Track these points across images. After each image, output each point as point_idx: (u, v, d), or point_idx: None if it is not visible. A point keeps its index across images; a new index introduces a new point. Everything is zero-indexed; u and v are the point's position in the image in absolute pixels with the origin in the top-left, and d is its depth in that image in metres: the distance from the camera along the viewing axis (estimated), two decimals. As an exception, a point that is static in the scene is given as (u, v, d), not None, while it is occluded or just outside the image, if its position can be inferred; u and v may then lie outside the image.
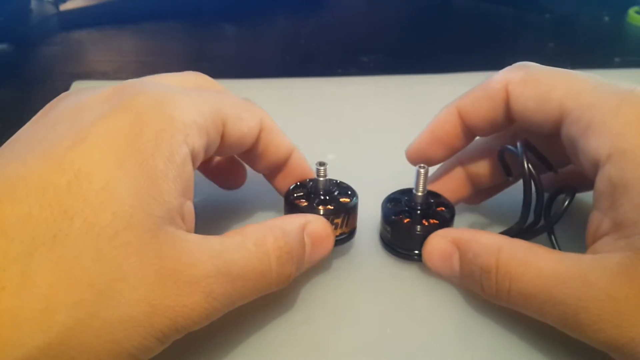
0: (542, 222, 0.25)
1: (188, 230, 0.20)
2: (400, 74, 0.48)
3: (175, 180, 0.19)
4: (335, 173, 0.28)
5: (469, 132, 0.27)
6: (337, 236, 0.26)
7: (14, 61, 0.54)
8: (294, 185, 0.27)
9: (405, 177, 0.29)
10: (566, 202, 0.24)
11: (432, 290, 0.26)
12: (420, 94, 0.45)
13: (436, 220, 0.26)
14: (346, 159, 0.36)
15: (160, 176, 0.19)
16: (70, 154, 0.18)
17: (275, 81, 0.47)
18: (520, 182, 0.25)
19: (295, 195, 0.27)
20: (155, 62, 0.55)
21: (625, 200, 0.20)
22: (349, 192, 0.27)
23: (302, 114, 0.41)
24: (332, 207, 0.26)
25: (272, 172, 0.28)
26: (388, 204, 0.27)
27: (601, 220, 0.21)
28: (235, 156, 0.29)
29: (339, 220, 0.26)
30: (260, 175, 0.29)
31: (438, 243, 0.25)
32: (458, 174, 0.29)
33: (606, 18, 0.66)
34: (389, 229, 0.27)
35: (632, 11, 0.63)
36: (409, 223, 0.26)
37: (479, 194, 0.30)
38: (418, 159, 0.28)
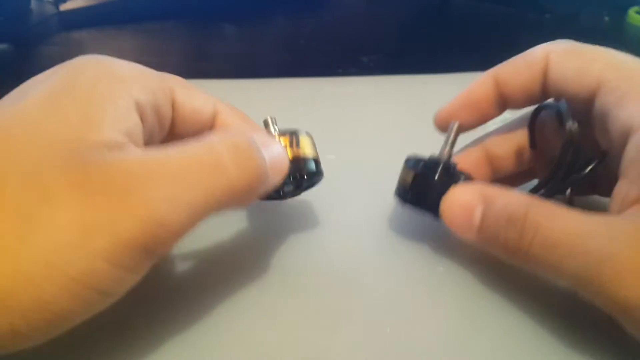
0: (571, 178, 0.24)
1: (137, 144, 0.20)
2: (400, 74, 0.48)
3: (116, 119, 0.19)
4: (335, 173, 0.28)
5: (502, 100, 0.27)
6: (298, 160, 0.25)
7: (14, 61, 0.54)
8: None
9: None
10: (592, 165, 0.23)
11: (433, 290, 0.26)
12: (420, 94, 0.45)
13: (459, 178, 0.25)
14: (346, 159, 0.36)
15: (98, 112, 0.18)
16: (9, 109, 0.19)
17: (275, 81, 0.47)
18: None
19: (411, 161, 0.26)
20: (155, 62, 0.55)
21: None
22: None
23: (302, 114, 0.41)
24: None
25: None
26: (411, 159, 0.27)
27: (629, 188, 0.21)
28: None
29: (286, 140, 0.25)
30: None
31: (462, 193, 0.24)
32: (479, 155, 0.28)
33: (606, 18, 0.65)
34: (411, 174, 0.25)
35: (632, 11, 0.63)
36: (432, 171, 0.25)
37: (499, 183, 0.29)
38: (447, 123, 0.27)
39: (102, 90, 0.19)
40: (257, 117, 0.27)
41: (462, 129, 0.27)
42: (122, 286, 0.17)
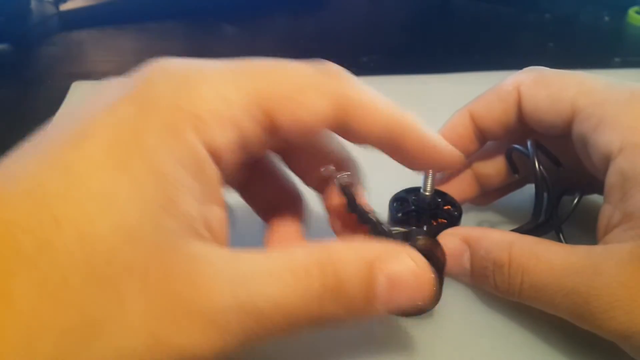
0: (552, 221, 0.25)
1: (219, 241, 0.17)
2: (400, 74, 0.48)
3: (192, 186, 0.16)
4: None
5: (481, 135, 0.27)
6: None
7: (14, 61, 0.54)
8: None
9: (406, 177, 0.29)
10: (575, 201, 0.25)
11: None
12: (420, 94, 0.45)
13: (444, 219, 0.26)
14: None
15: (172, 181, 0.16)
16: (68, 155, 0.15)
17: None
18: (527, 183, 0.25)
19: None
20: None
21: (636, 191, 0.20)
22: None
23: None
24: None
25: (387, 151, 0.22)
26: (395, 203, 0.27)
27: (612, 213, 0.21)
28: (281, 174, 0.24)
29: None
30: None
31: (448, 242, 0.24)
32: (466, 174, 0.29)
33: (606, 18, 0.66)
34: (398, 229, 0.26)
35: (632, 11, 0.63)
36: (417, 223, 0.26)
37: (487, 195, 0.30)
38: None
39: (173, 147, 0.16)
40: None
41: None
42: None
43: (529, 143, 0.25)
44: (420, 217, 0.26)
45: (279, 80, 0.19)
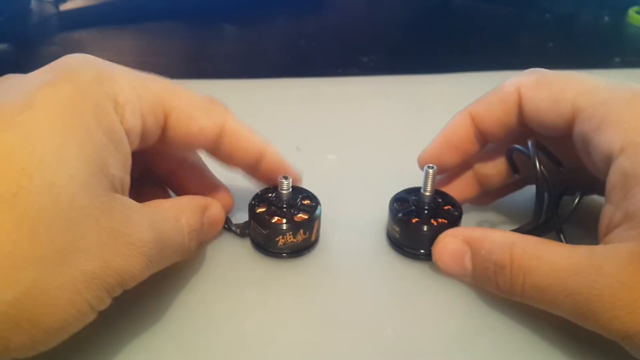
0: (552, 221, 0.25)
1: None
2: (400, 74, 0.48)
3: (115, 155, 0.20)
4: (335, 173, 0.28)
5: (482, 137, 0.27)
6: (294, 248, 0.27)
7: (14, 61, 0.54)
8: (261, 191, 0.28)
9: (405, 177, 0.29)
10: (576, 200, 0.24)
11: (433, 291, 0.26)
12: (420, 94, 0.45)
13: (445, 219, 0.26)
14: (346, 159, 0.36)
15: (104, 148, 0.20)
16: (20, 117, 0.18)
17: (275, 81, 0.47)
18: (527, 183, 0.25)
19: (258, 203, 0.27)
20: (155, 62, 0.55)
21: (638, 191, 0.20)
22: (311, 206, 0.27)
23: (302, 114, 0.41)
24: (287, 221, 0.26)
25: (247, 171, 0.28)
26: (395, 204, 0.27)
27: (613, 212, 0.21)
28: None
29: (298, 234, 0.26)
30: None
31: (449, 243, 0.25)
32: (466, 174, 0.29)
33: (606, 18, 0.66)
34: (397, 228, 0.27)
35: (632, 11, 0.63)
36: (418, 222, 0.26)
37: (488, 195, 0.30)
38: (431, 164, 0.27)
39: (103, 123, 0.20)
40: (257, 117, 0.27)
41: (444, 172, 0.28)
42: (104, 307, 0.20)
43: (529, 143, 0.25)
44: (421, 217, 0.27)
45: (179, 95, 0.24)
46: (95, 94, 0.20)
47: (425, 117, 0.28)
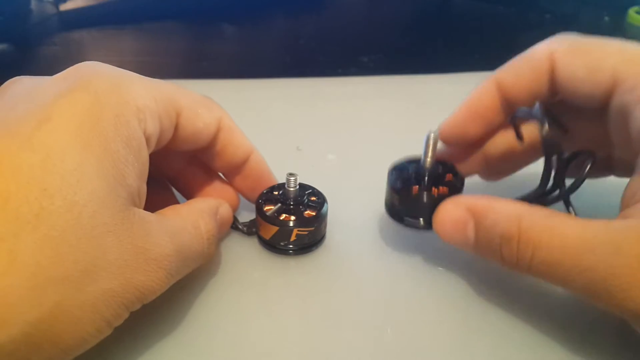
0: (561, 190, 0.24)
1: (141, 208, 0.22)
2: (400, 74, 0.48)
3: (134, 164, 0.20)
4: (335, 173, 0.28)
5: (508, 106, 0.25)
6: (302, 244, 0.27)
7: (14, 61, 0.54)
8: (267, 189, 0.28)
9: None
10: (587, 167, 0.23)
11: (433, 290, 0.26)
12: (420, 94, 0.45)
13: (446, 188, 0.25)
14: (346, 159, 0.36)
15: (122, 160, 0.20)
16: (38, 133, 0.18)
17: (275, 81, 0.47)
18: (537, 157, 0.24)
19: (265, 201, 0.27)
20: (155, 62, 0.55)
21: None
22: (318, 203, 0.27)
23: (302, 114, 0.41)
24: (295, 218, 0.26)
25: (231, 172, 0.28)
26: (394, 172, 0.26)
27: (639, 185, 0.21)
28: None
29: (304, 232, 0.26)
30: None
31: (451, 211, 0.24)
32: (471, 149, 0.28)
33: (606, 18, 0.66)
34: (396, 197, 0.26)
35: (632, 11, 0.63)
36: (418, 191, 0.25)
37: (496, 169, 0.28)
38: (454, 136, 0.26)
39: (122, 132, 0.20)
40: (257, 117, 0.27)
41: (466, 142, 0.26)
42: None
43: (536, 105, 0.24)
44: (420, 185, 0.25)
45: (184, 94, 0.24)
46: (113, 103, 0.20)
47: (425, 117, 0.28)
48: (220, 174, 0.29)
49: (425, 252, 0.27)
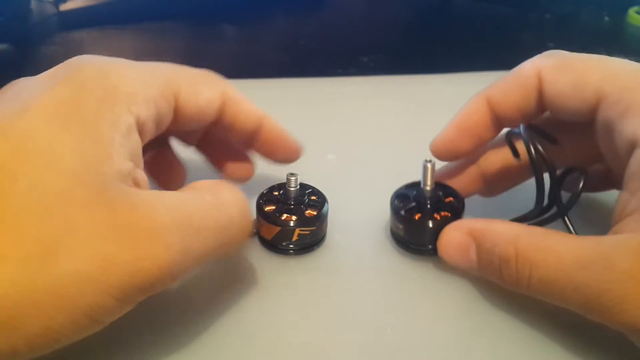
0: (557, 207, 0.25)
1: None
2: (400, 74, 0.48)
3: (122, 145, 0.19)
4: (335, 173, 0.28)
5: (498, 122, 0.26)
6: (304, 244, 0.27)
7: (14, 61, 0.54)
8: (267, 189, 0.28)
9: (405, 176, 0.29)
10: (581, 184, 0.24)
11: (433, 290, 0.26)
12: (420, 94, 0.45)
13: (447, 212, 0.26)
14: (346, 159, 0.36)
15: (107, 140, 0.19)
16: (15, 122, 0.18)
17: (275, 81, 0.47)
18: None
19: (265, 201, 0.27)
20: (155, 62, 0.55)
21: None
22: (319, 202, 0.27)
23: (302, 114, 0.41)
24: (297, 218, 0.26)
25: (247, 141, 0.28)
26: (397, 201, 0.27)
27: (628, 200, 0.21)
28: (176, 156, 0.29)
29: (306, 231, 0.26)
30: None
31: (453, 235, 0.24)
32: (470, 168, 0.28)
33: (606, 18, 0.65)
34: (400, 226, 0.26)
35: (632, 11, 0.63)
36: (421, 218, 0.26)
37: (494, 186, 0.29)
38: (445, 152, 0.27)
39: (107, 115, 0.20)
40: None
41: (457, 158, 0.27)
42: (116, 317, 0.18)
43: (520, 127, 0.25)
44: (423, 212, 0.26)
45: (182, 74, 0.24)
46: (99, 89, 0.20)
47: (425, 117, 0.28)
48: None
49: (426, 253, 0.27)
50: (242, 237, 0.21)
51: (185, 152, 0.30)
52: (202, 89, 0.24)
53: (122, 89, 0.21)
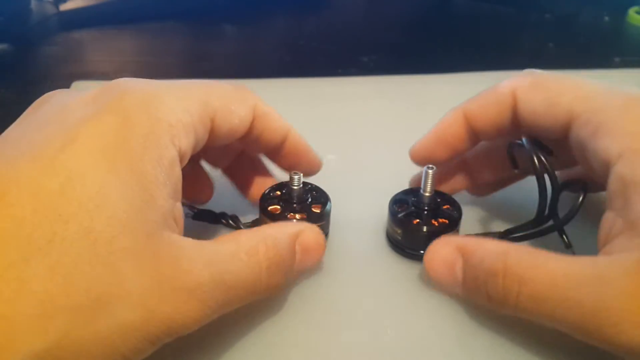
0: (555, 220, 0.25)
1: (179, 232, 0.20)
2: (400, 74, 0.48)
3: (165, 183, 0.19)
4: (335, 173, 0.28)
5: (474, 135, 0.27)
6: None
7: (14, 61, 0.54)
8: (269, 189, 0.28)
9: (405, 177, 0.29)
10: (580, 198, 0.24)
11: (434, 291, 0.26)
12: (420, 94, 0.45)
13: (445, 219, 0.26)
14: (346, 159, 0.36)
15: (152, 180, 0.19)
16: (61, 156, 0.18)
17: (275, 81, 0.47)
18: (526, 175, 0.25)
19: (268, 201, 0.27)
20: (155, 62, 0.55)
21: (638, 198, 0.20)
22: (322, 200, 0.27)
23: (302, 114, 0.41)
24: (305, 216, 0.26)
25: (270, 153, 0.28)
26: (395, 205, 0.27)
27: (614, 220, 0.21)
28: (204, 168, 0.29)
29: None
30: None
31: (441, 249, 0.24)
32: (456, 167, 0.29)
33: (606, 18, 0.66)
34: (398, 230, 0.27)
35: (632, 11, 0.63)
36: (419, 224, 0.26)
37: (483, 187, 0.30)
38: (422, 159, 0.28)
39: (153, 151, 0.19)
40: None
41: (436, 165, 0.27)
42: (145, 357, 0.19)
43: (524, 140, 0.25)
44: (421, 217, 0.27)
45: (217, 93, 0.23)
46: (143, 122, 0.20)
47: (425, 117, 0.28)
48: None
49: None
50: (266, 293, 0.21)
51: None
52: (236, 107, 0.24)
53: (164, 120, 0.20)
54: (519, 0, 0.69)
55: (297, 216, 0.26)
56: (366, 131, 0.39)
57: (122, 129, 0.19)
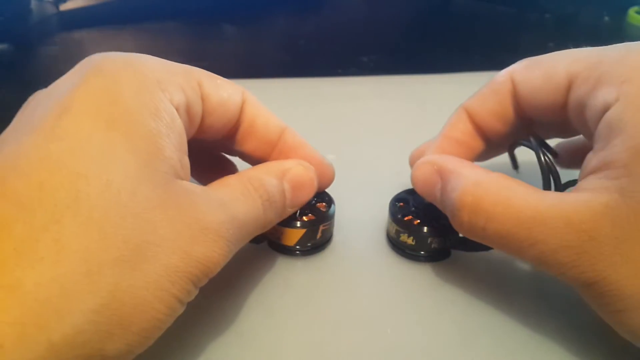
0: None
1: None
2: (400, 74, 0.48)
3: (168, 135, 0.19)
4: (335, 173, 0.28)
5: (481, 132, 0.27)
6: (314, 244, 0.27)
7: (14, 61, 0.54)
8: None
9: (405, 176, 0.29)
10: None
11: (434, 291, 0.26)
12: (420, 94, 0.45)
13: (446, 219, 0.26)
14: (346, 159, 0.36)
15: (154, 133, 0.19)
16: (60, 123, 0.18)
17: (275, 81, 0.47)
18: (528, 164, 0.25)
19: (398, 206, 0.27)
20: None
21: (619, 141, 0.20)
22: (327, 199, 0.27)
23: (302, 114, 0.41)
24: (317, 216, 0.26)
25: (266, 152, 0.26)
26: (396, 204, 0.27)
27: (590, 158, 0.21)
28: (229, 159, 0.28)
29: (326, 226, 0.27)
30: None
31: (423, 169, 0.25)
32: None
33: (606, 18, 0.66)
34: (398, 229, 0.27)
35: (632, 11, 0.63)
36: (419, 224, 0.26)
37: (488, 150, 0.29)
38: None
39: (148, 105, 0.19)
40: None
41: None
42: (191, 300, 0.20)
43: (531, 139, 0.25)
44: (422, 217, 0.26)
45: (199, 70, 0.23)
46: (131, 79, 0.20)
47: (425, 117, 0.28)
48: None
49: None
50: (266, 227, 0.23)
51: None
52: (222, 83, 0.24)
53: (151, 76, 0.20)
54: (519, 0, 0.69)
55: (314, 216, 0.26)
56: (366, 131, 0.39)
57: (112, 87, 0.19)
